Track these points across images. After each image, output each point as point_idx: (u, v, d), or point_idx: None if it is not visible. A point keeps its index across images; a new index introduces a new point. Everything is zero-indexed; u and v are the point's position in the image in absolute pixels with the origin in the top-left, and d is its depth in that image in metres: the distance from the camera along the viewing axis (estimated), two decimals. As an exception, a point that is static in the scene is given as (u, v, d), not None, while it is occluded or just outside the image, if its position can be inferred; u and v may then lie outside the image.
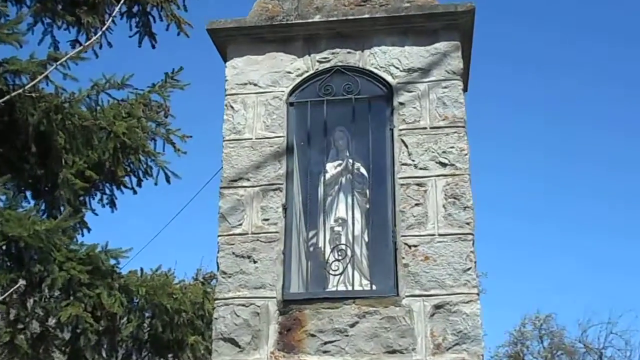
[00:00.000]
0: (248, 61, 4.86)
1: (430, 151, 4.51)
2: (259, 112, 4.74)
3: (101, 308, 7.18)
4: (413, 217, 4.39)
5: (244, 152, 4.66)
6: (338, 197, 4.76)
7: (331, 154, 4.85)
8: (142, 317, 7.68)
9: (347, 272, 4.49)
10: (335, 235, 4.66)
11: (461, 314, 4.17)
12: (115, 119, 7.74)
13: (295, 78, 4.79)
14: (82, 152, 7.66)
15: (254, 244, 4.46)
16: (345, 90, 4.72)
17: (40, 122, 7.25)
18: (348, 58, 4.78)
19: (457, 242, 4.31)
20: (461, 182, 4.43)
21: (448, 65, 4.69)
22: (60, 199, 7.69)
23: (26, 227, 6.64)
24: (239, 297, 4.37)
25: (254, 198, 4.56)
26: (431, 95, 4.63)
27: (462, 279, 4.24)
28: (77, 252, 7.21)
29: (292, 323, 4.26)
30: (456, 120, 4.57)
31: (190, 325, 7.69)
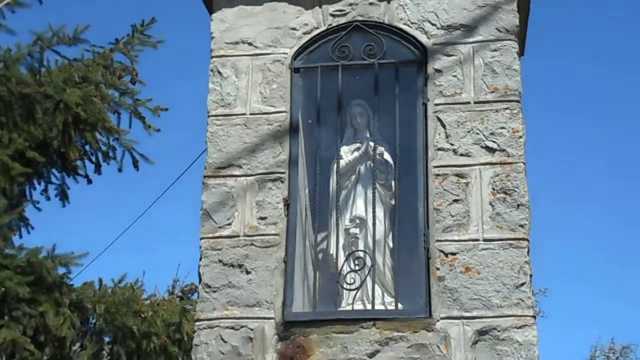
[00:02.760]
0: (240, 13, 4.92)
1: (474, 132, 4.56)
2: (255, 80, 4.80)
3: (46, 331, 7.24)
4: (451, 217, 4.45)
5: (235, 131, 4.73)
6: (355, 190, 4.84)
7: (347, 135, 4.93)
8: (100, 343, 7.75)
9: (365, 286, 4.56)
10: (352, 239, 4.74)
11: (512, 343, 4.20)
12: (66, 85, 7.76)
13: (302, 36, 4.85)
14: (21, 128, 7.67)
15: (246, 250, 4.52)
16: (366, 52, 4.77)
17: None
18: (370, 11, 4.83)
19: (508, 250, 4.35)
20: (514, 173, 4.47)
21: (500, 21, 4.73)
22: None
23: (-55, 224, 6.75)
24: (226, 317, 4.42)
25: (248, 190, 4.63)
26: (477, 60, 4.68)
27: (513, 298, 4.28)
28: (14, 259, 7.27)
29: (294, 351, 4.30)
30: (509, 93, 4.62)
31: (163, 353, 7.73)
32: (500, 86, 4.64)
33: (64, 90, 7.75)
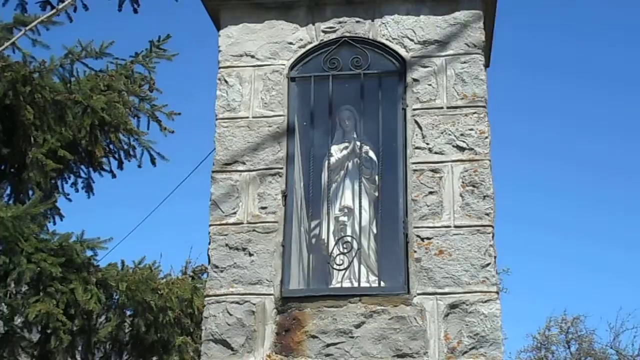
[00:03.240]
0: (244, 30, 4.90)
1: (446, 133, 4.55)
2: (257, 88, 4.78)
3: (75, 305, 7.22)
4: (427, 207, 4.44)
5: (239, 132, 4.71)
6: (344, 183, 4.82)
7: (337, 136, 4.91)
8: (122, 316, 7.73)
9: (352, 266, 4.55)
10: (341, 225, 4.72)
11: (479, 315, 4.22)
12: (93, 93, 7.74)
13: (298, 50, 4.83)
14: (54, 130, 7.66)
15: (249, 235, 4.51)
16: (353, 64, 4.75)
17: (5, 95, 7.26)
18: (356, 28, 4.81)
19: (475, 235, 4.36)
20: (481, 169, 4.47)
21: (468, 37, 4.72)
22: (28, 181, 7.68)
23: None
24: (232, 293, 4.41)
25: (250, 184, 4.61)
26: (449, 71, 4.68)
27: (480, 276, 4.29)
28: (48, 242, 7.25)
29: (291, 323, 4.31)
30: (476, 99, 4.61)
31: (177, 325, 7.73)
32: (469, 93, 4.64)
33: (91, 97, 7.74)
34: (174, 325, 7.71)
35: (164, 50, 8.26)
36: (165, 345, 7.91)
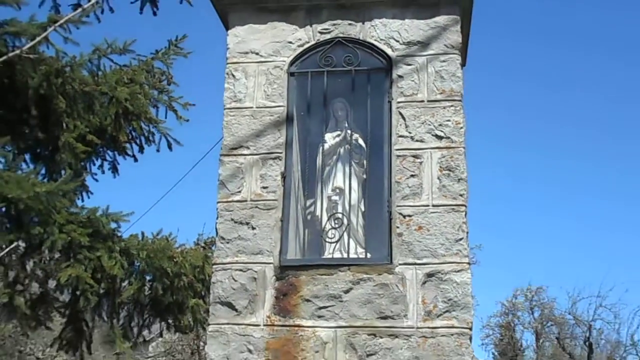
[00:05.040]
0: (250, 30, 4.87)
1: (426, 124, 4.54)
2: (260, 81, 4.76)
3: (101, 270, 7.26)
4: (408, 188, 4.44)
5: (245, 120, 4.70)
6: (336, 167, 4.81)
7: (330, 125, 4.89)
8: (142, 280, 7.75)
9: (342, 240, 4.55)
10: (333, 204, 4.72)
11: (452, 283, 4.24)
12: (117, 85, 7.74)
13: (297, 48, 4.80)
14: (83, 117, 7.66)
15: (252, 211, 4.51)
16: (345, 61, 4.73)
17: (40, 85, 7.24)
18: (349, 30, 4.79)
19: (450, 213, 4.37)
20: (456, 155, 4.47)
21: (447, 39, 4.70)
22: (60, 162, 7.68)
23: (26, 189, 6.67)
24: (237, 262, 4.43)
25: (254, 166, 4.60)
26: (429, 68, 4.65)
27: (453, 249, 4.31)
28: (77, 215, 7.28)
29: (288, 288, 4.33)
30: (453, 94, 4.60)
31: (190, 289, 7.75)
32: (447, 89, 4.62)
33: (115, 88, 7.73)
34: (187, 289, 7.74)
35: (181, 48, 8.23)
36: (180, 306, 7.94)
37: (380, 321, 4.22)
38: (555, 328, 42.02)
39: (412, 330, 4.19)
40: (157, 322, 8.37)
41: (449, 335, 4.17)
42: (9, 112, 7.44)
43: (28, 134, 7.64)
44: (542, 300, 41.86)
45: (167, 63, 8.20)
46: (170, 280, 7.65)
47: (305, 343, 4.22)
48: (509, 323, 42.96)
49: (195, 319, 8.08)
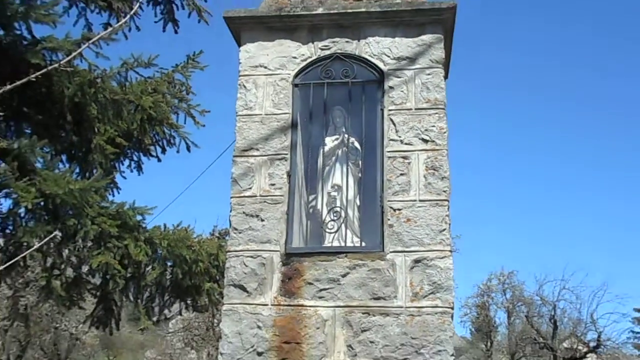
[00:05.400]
0: (259, 47, 4.86)
1: (414, 129, 4.54)
2: (268, 92, 4.75)
3: (128, 257, 7.25)
4: (398, 185, 4.44)
5: (255, 126, 4.69)
6: (335, 166, 4.80)
7: (329, 130, 4.88)
8: (164, 266, 7.73)
9: (340, 230, 4.56)
10: (332, 199, 4.71)
11: (436, 268, 4.25)
12: (143, 94, 7.72)
13: (300, 63, 4.80)
14: (112, 122, 7.66)
15: (261, 205, 4.51)
16: (343, 74, 4.73)
17: (75, 95, 7.25)
18: (346, 46, 4.78)
19: (435, 207, 4.37)
20: (440, 156, 4.47)
21: (432, 55, 4.70)
22: (92, 162, 7.69)
23: (62, 185, 6.67)
24: (248, 250, 4.43)
25: (262, 166, 4.60)
26: (416, 80, 4.65)
27: (437, 238, 4.31)
28: (107, 209, 7.27)
29: (292, 273, 4.33)
30: (437, 103, 4.59)
31: (206, 274, 7.73)
32: (432, 98, 4.62)
33: (141, 97, 7.72)
34: (203, 274, 7.74)
35: (198, 62, 8.22)
36: (197, 289, 7.93)
37: (373, 301, 4.23)
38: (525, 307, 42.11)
39: (401, 309, 4.20)
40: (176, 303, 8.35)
41: (433, 313, 4.18)
42: (47, 118, 7.44)
43: (64, 137, 7.64)
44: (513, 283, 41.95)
45: (186, 75, 8.19)
46: (189, 266, 7.64)
47: (307, 320, 4.23)
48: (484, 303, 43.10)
49: (210, 300, 8.08)
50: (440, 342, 4.13)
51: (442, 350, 4.11)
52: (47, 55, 6.99)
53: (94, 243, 7.28)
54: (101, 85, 7.46)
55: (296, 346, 4.19)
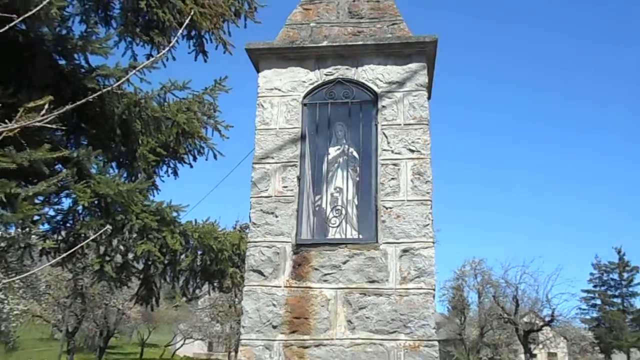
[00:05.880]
0: (275, 73, 4.84)
1: (403, 141, 4.50)
2: (282, 110, 4.72)
3: (166, 246, 7.28)
4: (389, 188, 4.40)
5: (270, 138, 4.66)
6: (337, 172, 4.76)
7: (332, 141, 4.84)
8: (195, 254, 7.75)
9: (341, 225, 4.52)
10: (334, 199, 4.67)
11: (421, 256, 4.21)
12: (178, 112, 7.77)
13: (308, 86, 4.77)
14: (153, 136, 7.70)
15: (276, 204, 4.48)
16: (344, 95, 4.71)
17: (123, 113, 7.29)
18: (346, 73, 4.76)
19: (420, 206, 4.33)
20: (424, 164, 4.43)
21: (417, 80, 4.67)
22: (137, 168, 7.73)
23: (112, 187, 6.71)
24: (264, 241, 4.40)
25: (277, 171, 4.56)
26: (405, 101, 4.62)
27: (422, 232, 4.27)
28: (149, 206, 7.30)
29: (301, 260, 4.31)
30: (422, 120, 4.56)
31: (230, 260, 7.74)
32: (417, 116, 4.58)
33: (176, 115, 7.75)
34: (227, 260, 7.75)
35: (223, 85, 8.25)
36: (222, 273, 7.94)
37: (368, 284, 4.20)
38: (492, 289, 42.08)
39: (392, 290, 4.16)
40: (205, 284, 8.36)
41: (418, 294, 4.14)
42: (101, 132, 7.47)
43: (114, 147, 7.67)
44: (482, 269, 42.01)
45: (214, 96, 8.21)
46: (215, 254, 7.66)
47: (314, 300, 4.20)
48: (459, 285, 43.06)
49: (233, 282, 8.09)
50: (424, 317, 4.09)
51: (425, 325, 4.08)
52: (101, 81, 7.03)
53: (138, 235, 7.30)
54: (144, 105, 7.49)
55: (305, 321, 4.16)
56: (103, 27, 7.79)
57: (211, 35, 8.08)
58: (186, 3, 7.82)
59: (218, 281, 8.17)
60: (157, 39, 7.81)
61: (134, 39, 7.94)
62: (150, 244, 7.10)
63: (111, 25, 7.86)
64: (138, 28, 7.86)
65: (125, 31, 7.80)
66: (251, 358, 4.13)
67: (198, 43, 8.19)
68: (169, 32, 7.82)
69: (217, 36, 8.06)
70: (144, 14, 7.67)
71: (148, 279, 7.80)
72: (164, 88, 7.77)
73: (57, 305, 33.30)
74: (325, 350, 4.08)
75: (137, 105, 7.38)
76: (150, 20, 7.74)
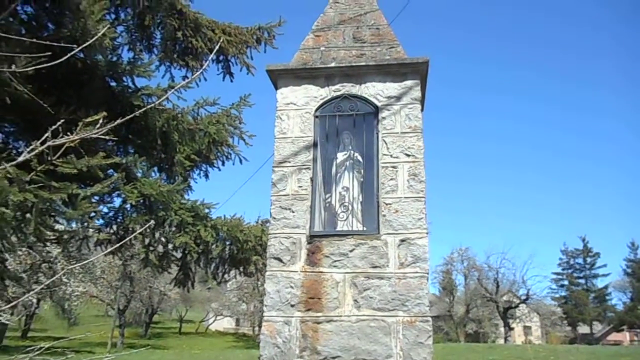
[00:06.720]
0: (291, 90, 4.82)
1: (400, 147, 4.46)
2: (297, 121, 4.70)
3: (200, 238, 7.24)
4: (389, 187, 4.37)
5: (287, 145, 4.64)
6: (344, 174, 4.73)
7: (340, 148, 4.81)
8: (224, 244, 7.71)
9: (349, 219, 4.49)
10: (342, 197, 4.64)
11: (416, 245, 4.17)
12: (209, 124, 7.72)
13: (319, 100, 4.75)
14: (188, 144, 7.65)
15: (292, 201, 4.45)
16: (349, 109, 4.68)
17: (163, 125, 7.26)
18: (351, 89, 4.73)
19: (415, 202, 4.29)
20: (419, 166, 4.39)
21: (412, 94, 4.63)
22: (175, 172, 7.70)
23: (155, 188, 6.70)
24: (283, 233, 4.38)
25: (293, 173, 4.54)
26: (401, 112, 4.58)
27: (417, 224, 4.23)
28: (185, 204, 7.26)
29: (315, 249, 4.28)
30: (416, 129, 4.51)
31: (253, 250, 7.69)
32: (412, 125, 4.53)
33: (208, 126, 7.72)
34: (251, 250, 7.70)
35: (247, 101, 8.19)
36: (247, 260, 7.90)
37: (372, 269, 4.16)
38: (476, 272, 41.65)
39: (392, 274, 4.12)
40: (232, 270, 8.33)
41: (414, 277, 4.10)
42: (145, 142, 7.46)
43: (155, 155, 7.65)
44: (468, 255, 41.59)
45: (239, 110, 8.16)
46: (241, 244, 7.62)
47: (325, 282, 4.17)
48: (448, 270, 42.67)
49: (256, 268, 8.05)
50: (419, 297, 4.04)
51: (420, 303, 4.03)
52: (145, 99, 7.03)
53: (176, 228, 7.28)
54: (181, 119, 7.47)
55: (318, 300, 4.13)
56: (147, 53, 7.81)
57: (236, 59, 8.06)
58: (215, 32, 7.82)
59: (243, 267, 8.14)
60: (191, 63, 7.82)
61: (172, 63, 7.94)
62: (186, 236, 7.08)
63: (153, 52, 7.88)
64: (175, 54, 7.86)
65: (165, 57, 7.81)
66: (273, 332, 4.10)
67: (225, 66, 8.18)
68: (201, 57, 7.81)
69: (241, 60, 8.03)
70: (180, 42, 7.68)
71: (185, 266, 7.78)
72: (197, 104, 7.75)
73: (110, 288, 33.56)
74: (335, 325, 4.05)
75: (175, 119, 7.36)
76: (186, 48, 7.74)
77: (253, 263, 7.89)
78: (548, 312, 45.96)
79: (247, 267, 8.09)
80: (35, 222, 4.86)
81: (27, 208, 4.87)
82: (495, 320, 42.93)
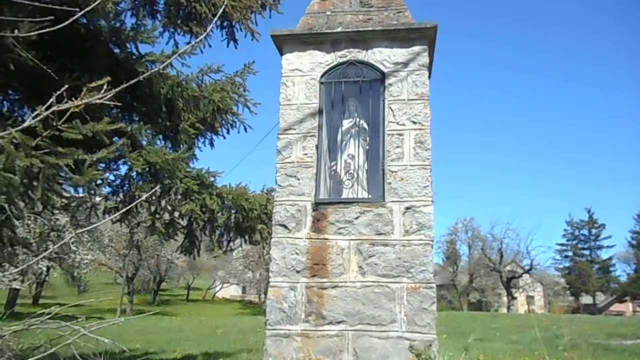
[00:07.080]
0: (296, 56, 4.75)
1: (406, 114, 4.42)
2: (302, 88, 4.65)
3: (205, 206, 7.30)
4: (395, 154, 4.35)
5: (292, 112, 4.61)
6: (349, 141, 4.70)
7: (346, 115, 4.77)
8: (230, 213, 7.76)
9: (354, 186, 4.49)
10: (347, 164, 4.63)
11: (421, 213, 4.18)
12: (213, 92, 7.67)
13: (325, 67, 4.68)
14: (193, 112, 7.63)
15: (298, 169, 4.46)
16: (355, 75, 4.62)
17: (167, 93, 7.23)
18: (358, 55, 4.66)
19: (421, 170, 4.28)
20: (425, 134, 4.35)
21: (419, 61, 4.55)
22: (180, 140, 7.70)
23: (160, 156, 6.72)
24: (288, 200, 4.40)
25: (298, 140, 4.53)
26: (408, 79, 4.51)
27: (422, 192, 4.23)
28: (190, 172, 7.31)
29: (320, 216, 4.30)
30: (423, 96, 4.46)
31: (258, 218, 7.74)
32: (419, 92, 4.48)
33: (212, 94, 7.67)
34: (257, 218, 7.77)
35: (251, 68, 8.09)
36: (252, 228, 7.97)
37: (377, 236, 4.19)
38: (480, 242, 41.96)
39: (397, 241, 4.16)
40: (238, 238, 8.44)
41: (419, 244, 4.14)
42: (149, 110, 7.44)
43: (160, 122, 7.64)
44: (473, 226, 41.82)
45: (243, 78, 8.07)
46: (247, 212, 7.68)
47: (330, 249, 4.22)
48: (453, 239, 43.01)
49: (262, 237, 8.14)
50: (424, 264, 4.09)
51: (424, 270, 4.09)
52: (149, 65, 6.96)
53: (182, 196, 7.35)
54: (185, 86, 7.42)
55: (323, 267, 4.19)
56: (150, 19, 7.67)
57: (241, 24, 7.91)
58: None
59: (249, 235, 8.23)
60: (195, 29, 7.68)
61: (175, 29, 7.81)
62: (192, 204, 7.14)
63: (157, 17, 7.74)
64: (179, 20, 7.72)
65: (169, 23, 7.67)
66: (279, 297, 4.20)
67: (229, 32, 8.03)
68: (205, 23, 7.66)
69: (246, 25, 7.88)
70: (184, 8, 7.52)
71: (191, 234, 7.88)
72: (201, 71, 7.67)
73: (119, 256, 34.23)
74: (340, 290, 4.12)
75: (179, 86, 7.31)
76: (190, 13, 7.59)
77: (258, 231, 7.97)
78: (551, 283, 46.45)
79: (252, 236, 8.18)
80: (42, 187, 4.92)
81: (33, 174, 4.93)
82: (499, 290, 43.50)
